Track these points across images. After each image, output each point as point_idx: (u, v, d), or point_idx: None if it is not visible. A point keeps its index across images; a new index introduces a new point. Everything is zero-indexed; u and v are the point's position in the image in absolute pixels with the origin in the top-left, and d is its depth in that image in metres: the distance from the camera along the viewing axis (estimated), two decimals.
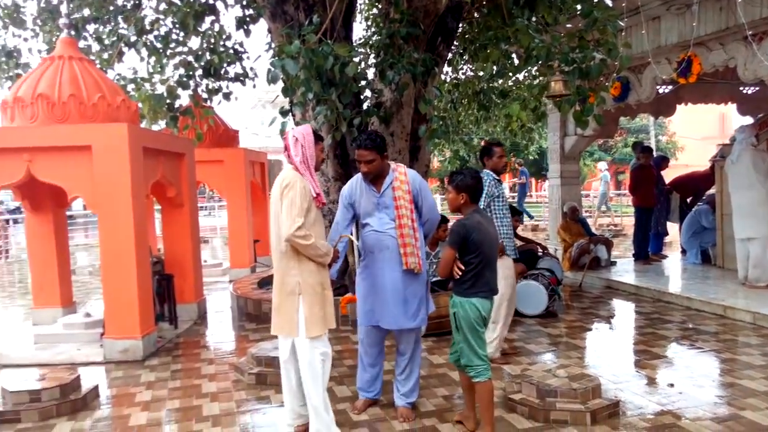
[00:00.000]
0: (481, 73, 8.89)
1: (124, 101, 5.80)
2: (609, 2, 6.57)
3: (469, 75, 9.49)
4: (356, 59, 5.72)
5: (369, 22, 9.06)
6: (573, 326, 6.18)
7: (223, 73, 7.55)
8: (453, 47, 7.84)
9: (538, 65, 5.78)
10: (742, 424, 3.66)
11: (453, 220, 4.46)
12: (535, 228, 16.32)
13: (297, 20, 6.46)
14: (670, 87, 9.35)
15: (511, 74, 7.70)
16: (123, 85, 7.39)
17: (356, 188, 3.95)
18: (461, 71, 9.60)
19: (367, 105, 6.72)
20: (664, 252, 10.25)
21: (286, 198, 3.38)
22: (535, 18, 6.24)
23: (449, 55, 7.82)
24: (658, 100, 9.22)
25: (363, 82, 6.20)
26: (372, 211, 3.87)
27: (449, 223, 6.18)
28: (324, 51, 5.05)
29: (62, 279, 6.86)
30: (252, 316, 6.95)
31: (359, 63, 5.64)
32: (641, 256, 9.43)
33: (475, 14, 7.67)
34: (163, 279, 6.51)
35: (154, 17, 7.51)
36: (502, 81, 8.92)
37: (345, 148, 6.91)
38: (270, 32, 7.22)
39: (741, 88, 9.97)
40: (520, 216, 10.33)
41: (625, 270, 8.92)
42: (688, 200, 10.20)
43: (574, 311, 6.84)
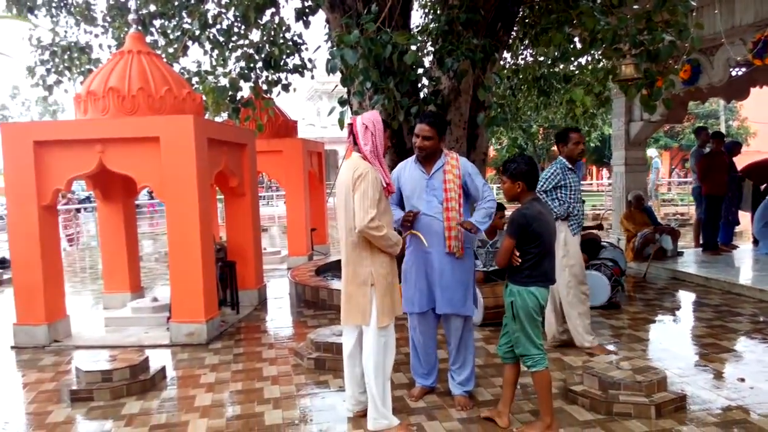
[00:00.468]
0: (542, 58, 8.68)
1: (190, 93, 5.98)
2: None
3: (529, 60, 9.29)
4: (414, 47, 5.68)
5: (427, 9, 8.99)
6: (636, 318, 6.00)
7: (283, 65, 7.68)
8: (513, 32, 7.69)
9: (603, 48, 5.58)
10: None
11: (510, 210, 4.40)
12: (596, 218, 15.88)
13: (355, 10, 6.48)
14: (744, 69, 8.88)
15: (574, 58, 7.48)
16: (188, 78, 7.63)
17: (404, 170, 3.97)
18: (521, 56, 9.42)
19: (425, 93, 6.68)
20: (735, 242, 9.79)
21: (359, 189, 3.38)
22: None
23: (509, 41, 7.68)
24: (731, 84, 8.76)
25: (420, 70, 6.16)
26: (420, 193, 3.86)
27: (506, 211, 6.10)
28: (382, 39, 5.06)
29: (131, 265, 7.17)
30: (310, 303, 7.07)
31: (417, 51, 5.60)
32: (710, 246, 9.05)
33: None
34: (226, 266, 6.70)
35: (217, 11, 7.71)
36: (564, 66, 8.69)
37: (402, 138, 6.90)
38: (328, 23, 7.28)
39: None
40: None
41: (693, 261, 8.59)
42: (762, 188, 9.69)
43: (638, 303, 6.64)
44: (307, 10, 7.42)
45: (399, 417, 3.63)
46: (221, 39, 7.71)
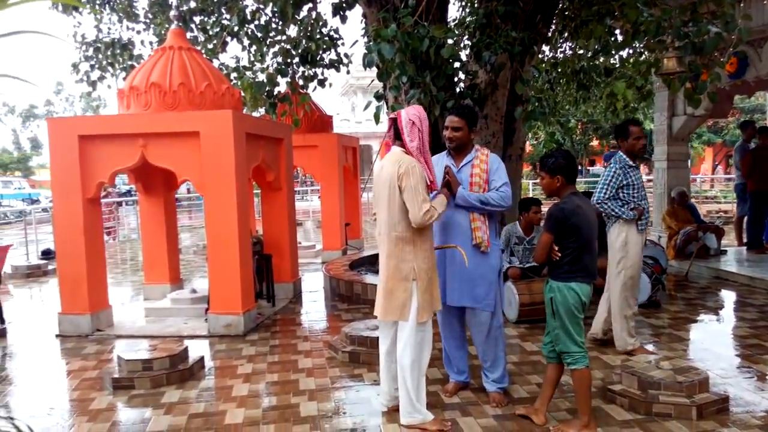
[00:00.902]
0: (582, 51, 8.51)
1: (229, 89, 6.06)
2: None
3: (569, 53, 9.13)
4: (451, 40, 5.64)
5: (464, 2, 8.91)
6: (677, 317, 5.86)
7: (319, 60, 7.72)
8: (552, 24, 7.56)
9: (646, 41, 5.44)
10: None
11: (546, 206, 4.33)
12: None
13: (392, 4, 6.46)
14: None
15: (615, 51, 7.30)
16: (226, 74, 7.73)
17: (436, 163, 3.94)
18: (560, 50, 9.26)
19: (461, 87, 6.63)
20: None
21: (407, 187, 3.36)
22: None
23: (548, 33, 7.56)
24: None
25: (457, 64, 6.11)
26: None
27: (541, 205, 6.01)
28: (420, 33, 5.03)
29: (171, 257, 7.33)
30: (344, 297, 7.11)
31: (454, 44, 5.56)
32: (755, 245, 8.77)
33: None
34: (263, 259, 6.79)
35: (255, 7, 7.78)
36: (605, 59, 8.51)
37: (437, 132, 6.86)
38: (365, 17, 7.28)
39: None
40: None
41: (737, 259, 8.34)
42: None
43: (679, 301, 6.48)
44: (344, 5, 7.44)
45: (433, 412, 3.62)
46: (259, 35, 7.79)
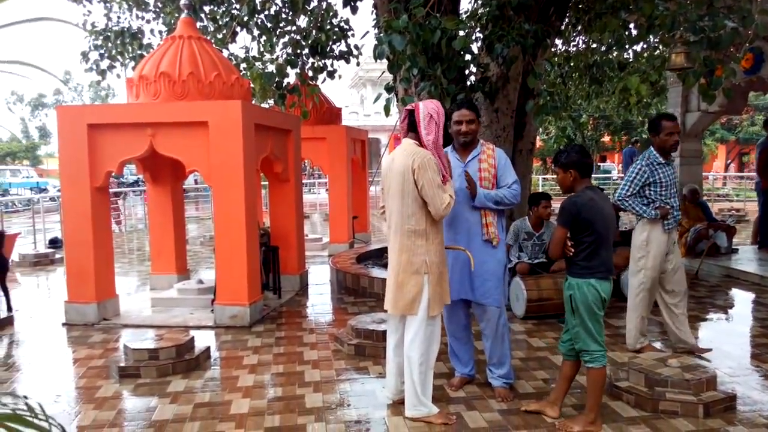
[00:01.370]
0: (595, 45, 8.41)
1: (238, 79, 6.03)
2: None
3: (582, 47, 9.03)
4: (463, 32, 5.58)
5: None
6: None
7: (329, 51, 7.67)
8: (566, 17, 7.47)
9: (660, 35, 5.35)
10: None
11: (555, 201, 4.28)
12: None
13: None
14: None
15: (629, 45, 7.19)
16: (236, 64, 7.70)
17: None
18: (573, 43, 9.16)
19: (472, 80, 6.57)
20: None
21: (425, 180, 3.34)
22: None
23: (561, 26, 7.47)
24: None
25: (468, 57, 6.06)
26: (455, 181, 3.79)
27: (551, 200, 5.96)
28: (431, 25, 4.98)
29: (178, 247, 7.34)
30: (350, 290, 7.10)
31: (466, 36, 5.50)
32: (766, 244, 8.66)
33: None
34: (270, 250, 6.78)
35: None
36: (618, 53, 8.40)
37: (447, 125, 6.81)
38: (376, 8, 7.22)
39: None
40: None
41: (748, 258, 8.25)
42: None
43: (689, 300, 6.38)
44: None
45: (438, 406, 3.61)
46: (269, 25, 7.75)
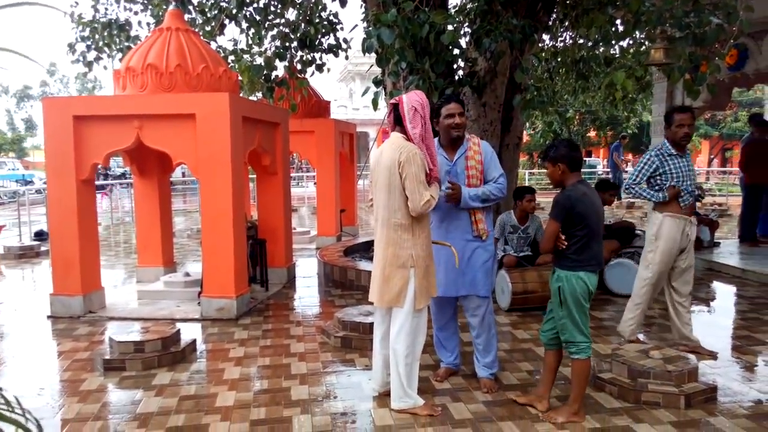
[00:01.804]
0: (582, 41, 8.47)
1: (226, 71, 6.01)
2: None
3: (569, 42, 9.08)
4: (451, 27, 5.60)
5: None
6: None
7: (318, 44, 7.65)
8: (553, 13, 7.51)
9: (647, 31, 5.40)
10: None
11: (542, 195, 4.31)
12: (631, 206, 15.59)
13: None
14: None
15: (615, 41, 7.24)
16: (224, 57, 7.66)
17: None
18: (560, 38, 9.20)
19: (460, 75, 6.60)
20: None
21: (409, 175, 3.33)
22: None
23: (549, 22, 7.51)
24: None
25: (457, 51, 6.08)
26: (442, 180, 3.80)
27: (535, 194, 6.00)
28: (420, 19, 4.99)
29: (165, 240, 7.31)
30: (338, 283, 7.12)
31: (455, 31, 5.52)
32: (748, 238, 8.82)
33: None
34: (257, 243, 6.78)
35: None
36: (605, 48, 8.47)
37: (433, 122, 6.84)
38: (365, 1, 7.21)
39: None
40: (617, 191, 9.89)
41: (730, 252, 8.37)
42: None
43: None
44: None
45: (423, 397, 3.64)
46: (258, 17, 7.72)
